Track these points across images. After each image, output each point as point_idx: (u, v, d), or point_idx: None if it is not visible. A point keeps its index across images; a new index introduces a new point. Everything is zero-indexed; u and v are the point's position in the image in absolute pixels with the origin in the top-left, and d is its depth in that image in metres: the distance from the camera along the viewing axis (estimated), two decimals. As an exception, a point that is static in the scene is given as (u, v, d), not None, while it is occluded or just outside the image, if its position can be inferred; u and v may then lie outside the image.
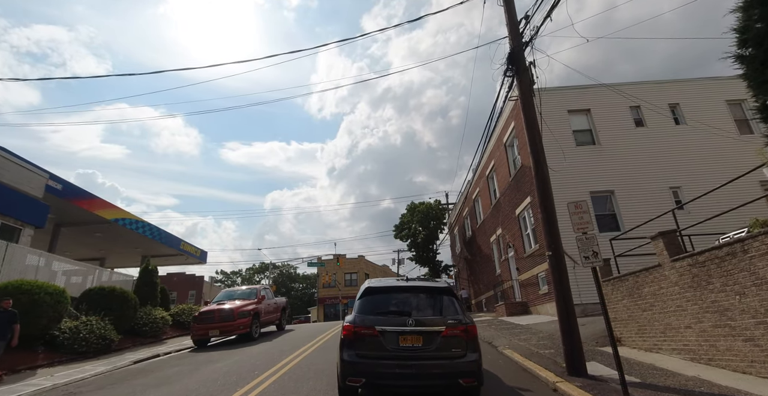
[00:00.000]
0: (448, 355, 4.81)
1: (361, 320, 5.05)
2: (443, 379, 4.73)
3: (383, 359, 4.79)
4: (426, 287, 5.56)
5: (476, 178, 22.62)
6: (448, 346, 4.84)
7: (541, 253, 13.85)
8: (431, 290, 5.50)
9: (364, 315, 5.14)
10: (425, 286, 5.61)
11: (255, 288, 14.26)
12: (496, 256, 20.45)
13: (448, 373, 4.74)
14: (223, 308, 12.30)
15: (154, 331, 13.81)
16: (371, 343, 4.87)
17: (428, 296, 5.43)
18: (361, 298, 5.42)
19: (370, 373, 4.76)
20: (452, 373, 4.72)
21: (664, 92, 15.32)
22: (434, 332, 4.86)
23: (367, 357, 4.84)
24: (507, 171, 17.18)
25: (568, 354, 6.29)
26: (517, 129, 15.55)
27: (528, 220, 15.29)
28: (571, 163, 14.05)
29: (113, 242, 22.97)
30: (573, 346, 6.29)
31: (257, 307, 13.22)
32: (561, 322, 6.54)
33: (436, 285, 5.66)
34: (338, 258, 38.45)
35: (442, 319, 5.01)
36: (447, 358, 4.80)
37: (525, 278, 15.66)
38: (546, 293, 13.73)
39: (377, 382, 4.77)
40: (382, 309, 5.22)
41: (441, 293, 5.44)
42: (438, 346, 4.81)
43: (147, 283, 15.18)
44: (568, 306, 6.55)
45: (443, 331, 4.86)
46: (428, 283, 5.74)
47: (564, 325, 6.47)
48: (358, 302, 5.38)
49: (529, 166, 14.33)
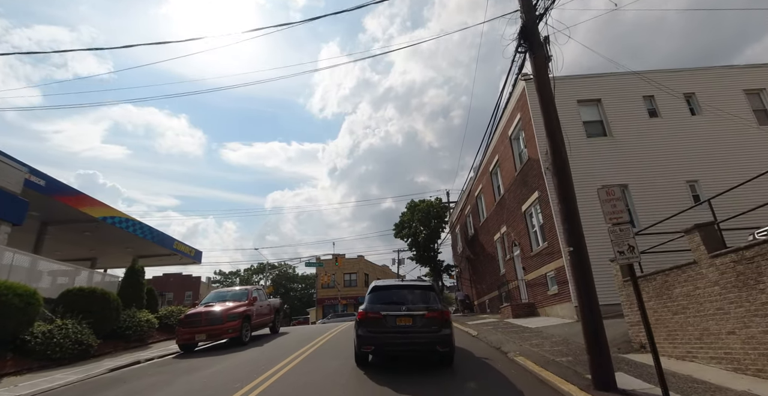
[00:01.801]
0: (428, 330, 6.87)
1: (371, 308, 7.17)
2: (425, 346, 6.88)
3: (385, 333, 6.88)
4: (415, 285, 7.88)
5: (479, 175, 21.81)
6: (429, 324, 6.90)
7: (550, 252, 13.04)
8: (419, 287, 7.74)
9: (372, 304, 7.28)
10: (415, 284, 7.95)
11: (246, 289, 13.43)
12: (500, 255, 19.63)
13: (428, 342, 6.83)
14: (211, 311, 11.48)
15: (138, 334, 12.97)
16: (377, 323, 6.95)
17: (417, 291, 7.57)
18: (370, 293, 7.66)
19: (377, 343, 6.92)
20: (431, 342, 6.82)
21: (678, 81, 14.51)
22: (419, 315, 6.95)
23: (374, 332, 6.92)
24: (512, 165, 16.37)
25: (594, 364, 5.47)
26: (524, 121, 14.73)
27: (536, 217, 14.47)
28: (582, 156, 13.23)
29: (103, 242, 22.14)
30: (600, 355, 5.47)
31: (248, 309, 12.39)
32: (586, 328, 5.74)
33: (422, 284, 7.96)
34: (337, 258, 37.59)
35: (425, 307, 7.11)
36: (428, 332, 6.85)
37: (532, 278, 14.84)
38: (555, 294, 12.90)
39: (382, 349, 7.03)
40: (385, 300, 7.35)
41: (425, 289, 7.67)
42: (422, 324, 6.90)
43: (132, 284, 14.37)
44: (594, 309, 5.76)
45: (426, 314, 6.96)
46: (417, 283, 8.10)
47: (589, 332, 5.66)
48: (368, 296, 7.59)
49: (536, 159, 13.52)
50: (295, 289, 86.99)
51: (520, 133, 15.68)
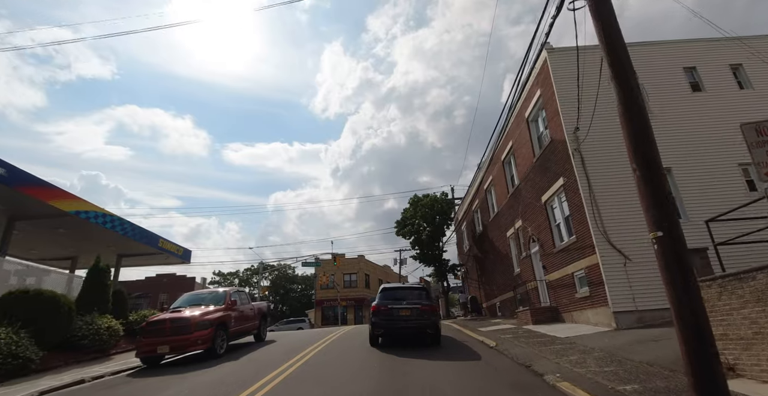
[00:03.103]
0: (421, 318, 9.92)
1: (381, 303, 10.19)
2: (419, 329, 9.98)
3: (391, 320, 9.97)
4: (412, 287, 11.52)
5: (490, 165, 19.89)
6: (422, 314, 9.95)
7: (580, 247, 11.13)
8: (415, 288, 11.24)
9: (382, 300, 10.30)
10: (412, 286, 11.80)
11: (224, 291, 11.57)
12: (513, 253, 17.71)
13: (422, 326, 9.92)
14: (178, 318, 9.61)
15: (97, 344, 11.09)
16: (386, 313, 10.02)
17: (413, 291, 10.83)
18: (380, 293, 10.76)
19: (386, 326, 10.05)
20: (424, 326, 9.93)
21: (722, 51, 12.58)
22: (415, 308, 9.97)
23: (384, 319, 10.01)
24: (529, 151, 14.46)
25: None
26: (545, 97, 12.82)
27: (560, 208, 12.54)
28: (617, 136, 11.32)
29: (81, 239, 20.29)
30: (709, 384, 3.59)
31: (225, 315, 10.53)
32: (684, 339, 3.86)
33: (417, 286, 11.88)
34: (335, 257, 35.63)
35: (419, 302, 10.11)
36: (421, 319, 9.91)
37: (555, 278, 12.93)
38: (586, 297, 10.98)
39: (389, 330, 10.15)
40: (391, 297, 10.45)
41: (419, 290, 10.96)
42: (417, 314, 9.94)
43: (96, 286, 12.53)
44: (698, 311, 3.86)
45: (420, 307, 9.99)
46: (413, 285, 12.35)
47: (691, 347, 3.77)
48: (379, 294, 10.67)
49: (561, 140, 11.62)
50: (295, 290, 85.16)
51: (540, 113, 13.77)
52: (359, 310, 47.27)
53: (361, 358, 9.06)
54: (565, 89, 11.75)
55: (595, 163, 10.98)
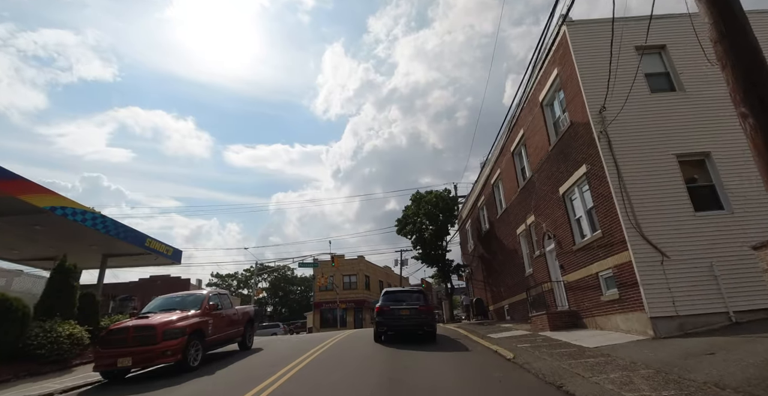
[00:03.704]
0: (419, 316, 11.64)
1: (384, 304, 11.95)
2: (417, 326, 11.58)
3: (394, 320, 11.62)
4: (411, 290, 13.43)
5: (497, 158, 18.55)
6: (420, 313, 11.70)
7: (606, 244, 9.77)
8: (414, 291, 13.17)
9: (385, 302, 12.08)
10: (411, 289, 13.81)
11: (202, 293, 10.23)
12: (524, 251, 16.35)
13: (419, 324, 11.58)
14: (142, 325, 8.27)
15: (56, 354, 9.70)
16: (388, 313, 11.71)
17: (412, 294, 12.76)
18: (383, 296, 12.54)
19: (389, 324, 11.63)
20: (421, 324, 11.59)
21: (761, 21, 11.22)
22: (414, 308, 11.77)
23: (387, 318, 11.67)
24: (544, 139, 13.12)
25: None
26: (564, 76, 11.49)
27: (581, 200, 11.18)
28: (645, 117, 10.01)
29: (61, 238, 18.98)
30: None
31: (201, 321, 9.19)
32: None
33: (415, 289, 13.79)
34: (333, 258, 34.15)
35: (417, 303, 11.98)
36: (419, 318, 11.62)
37: (575, 279, 11.57)
38: (614, 300, 9.61)
39: (392, 328, 11.67)
40: (393, 299, 12.24)
41: (417, 293, 12.90)
42: (415, 314, 11.66)
43: (60, 288, 11.19)
44: None
45: (418, 307, 11.81)
46: (412, 288, 14.51)
47: None
48: (382, 297, 12.44)
49: (583, 123, 10.29)
50: (294, 292, 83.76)
51: (556, 96, 12.43)
52: (359, 312, 45.84)
53: (361, 374, 7.71)
54: (587, 65, 10.43)
55: (625, 146, 9.63)
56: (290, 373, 7.76)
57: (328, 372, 7.89)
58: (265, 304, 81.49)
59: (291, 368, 8.25)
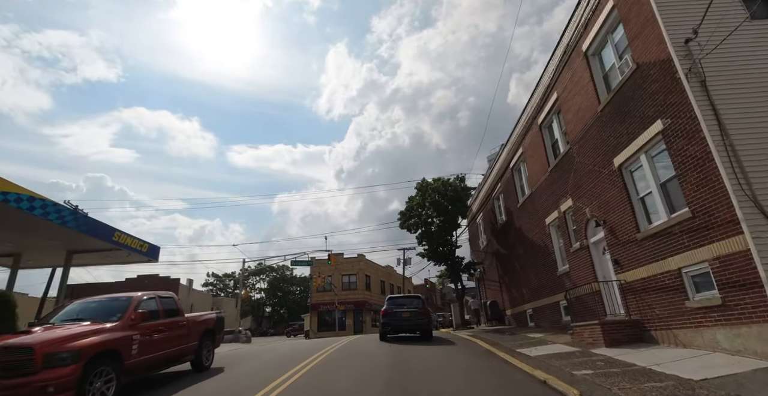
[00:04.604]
0: (418, 318, 14.09)
1: (389, 307, 14.31)
2: (417, 327, 14.24)
3: (397, 321, 14.09)
4: (412, 296, 16.16)
5: (521, 135, 15.65)
6: (419, 316, 14.10)
7: (697, 226, 6.91)
8: (414, 297, 15.64)
9: (389, 306, 14.40)
10: (411, 295, 16.62)
11: (129, 296, 7.40)
12: (557, 244, 13.45)
13: (418, 325, 14.17)
14: (14, 345, 5.44)
15: None
16: (392, 315, 14.12)
17: (413, 300, 15.10)
18: (387, 300, 14.98)
19: (392, 325, 14.15)
20: (419, 325, 14.18)
21: None
22: (414, 311, 14.16)
23: (391, 319, 14.11)
24: (591, 98, 10.25)
25: None
26: (623, 7, 8.59)
27: (652, 169, 8.25)
28: (746, 47, 7.13)
29: (14, 231, 16.30)
30: None
31: (118, 337, 6.35)
32: None
33: (415, 295, 16.15)
34: (330, 256, 31.19)
35: (417, 307, 14.38)
36: (418, 320, 14.10)
37: (639, 278, 8.67)
38: (712, 307, 6.71)
39: (395, 328, 14.28)
40: (396, 303, 14.68)
41: (417, 299, 15.20)
42: (415, 316, 14.07)
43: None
44: None
45: (417, 310, 14.21)
46: (412, 295, 16.71)
47: None
48: (387, 301, 14.88)
49: (656, 62, 7.42)
50: (293, 292, 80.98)
51: (610, 38, 9.53)
52: (359, 314, 42.90)
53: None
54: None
55: (730, 86, 6.76)
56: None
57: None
58: (263, 304, 78.79)
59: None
